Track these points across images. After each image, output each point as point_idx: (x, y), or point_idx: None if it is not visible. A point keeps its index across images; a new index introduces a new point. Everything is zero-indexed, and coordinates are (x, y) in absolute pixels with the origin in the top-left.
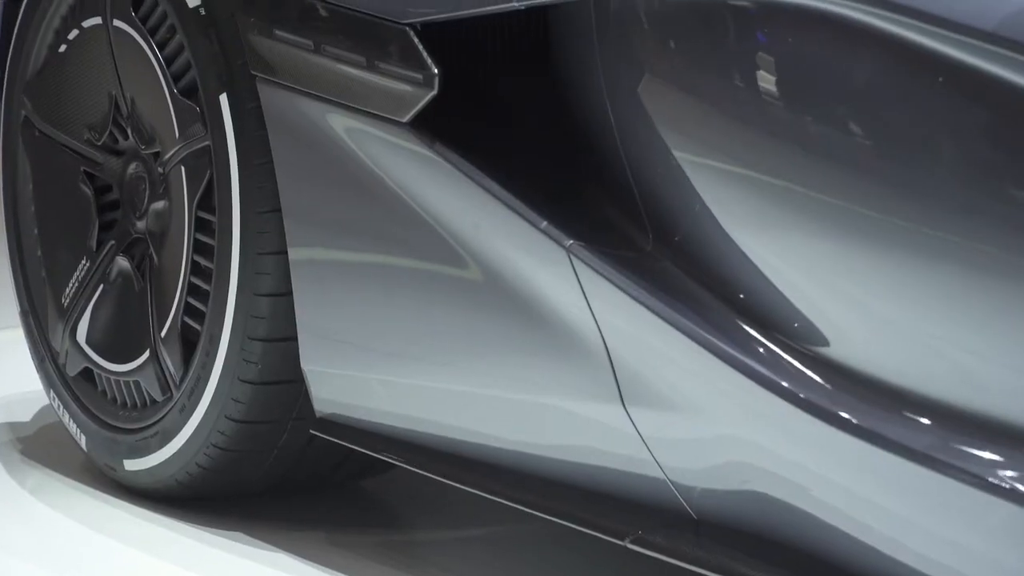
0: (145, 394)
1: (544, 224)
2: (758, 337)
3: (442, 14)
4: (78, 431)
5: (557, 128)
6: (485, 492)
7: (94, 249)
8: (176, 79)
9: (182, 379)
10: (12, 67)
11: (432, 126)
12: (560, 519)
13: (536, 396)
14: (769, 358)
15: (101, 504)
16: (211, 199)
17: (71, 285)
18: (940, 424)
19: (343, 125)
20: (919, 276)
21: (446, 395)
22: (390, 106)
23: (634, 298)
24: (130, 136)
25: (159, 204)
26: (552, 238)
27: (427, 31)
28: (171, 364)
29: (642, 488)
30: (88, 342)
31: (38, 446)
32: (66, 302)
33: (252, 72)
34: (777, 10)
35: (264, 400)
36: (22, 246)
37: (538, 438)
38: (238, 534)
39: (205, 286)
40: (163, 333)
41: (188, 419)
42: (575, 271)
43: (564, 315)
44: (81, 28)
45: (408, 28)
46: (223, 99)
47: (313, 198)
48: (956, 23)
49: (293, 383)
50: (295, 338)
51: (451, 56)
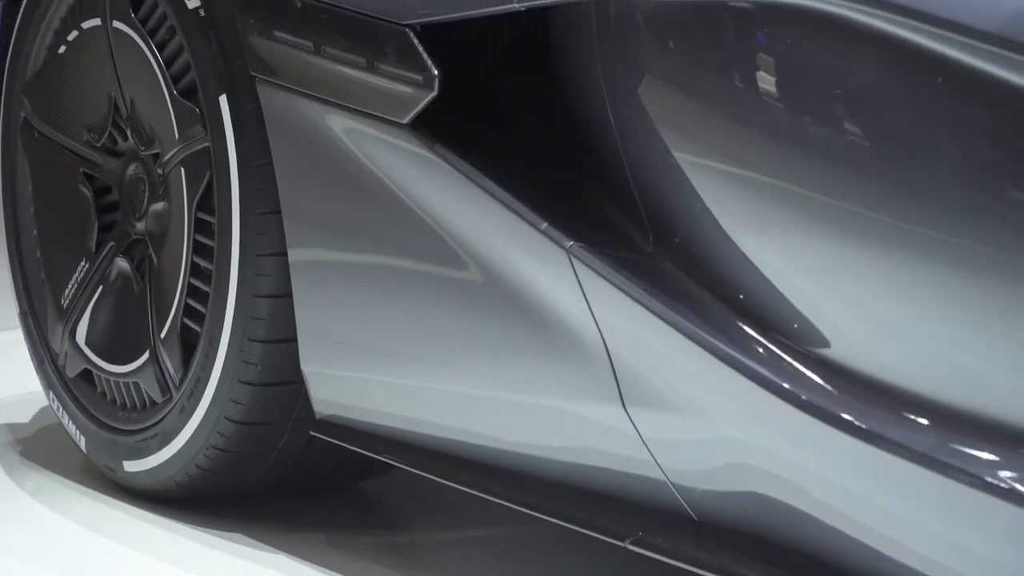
0: (145, 395)
1: (544, 225)
2: (758, 338)
3: (442, 15)
4: (77, 432)
5: (557, 129)
6: (485, 493)
7: (93, 250)
8: (176, 80)
9: (182, 380)
10: (11, 68)
11: (432, 127)
12: (560, 520)
13: (536, 397)
14: (769, 359)
15: (100, 505)
16: (211, 200)
17: (70, 286)
18: (940, 425)
19: (343, 126)
20: (919, 277)
21: (446, 396)
22: (390, 107)
23: (634, 299)
24: (129, 137)
25: (158, 205)
26: (552, 239)
27: (427, 32)
28: (171, 365)
29: (642, 489)
30: (87, 343)
31: (38, 447)
32: (65, 303)
33: (252, 73)
34: (777, 11)
35: (264, 401)
36: (21, 247)
37: (538, 439)
38: (238, 535)
39: (205, 287)
40: (163, 334)
41: (188, 420)
42: (575, 272)
43: (564, 316)
44: (80, 29)
45: (408, 29)
46: (223, 100)
47: (313, 199)
48: (956, 23)
49: (293, 384)
50: (295, 339)
51: (451, 57)
